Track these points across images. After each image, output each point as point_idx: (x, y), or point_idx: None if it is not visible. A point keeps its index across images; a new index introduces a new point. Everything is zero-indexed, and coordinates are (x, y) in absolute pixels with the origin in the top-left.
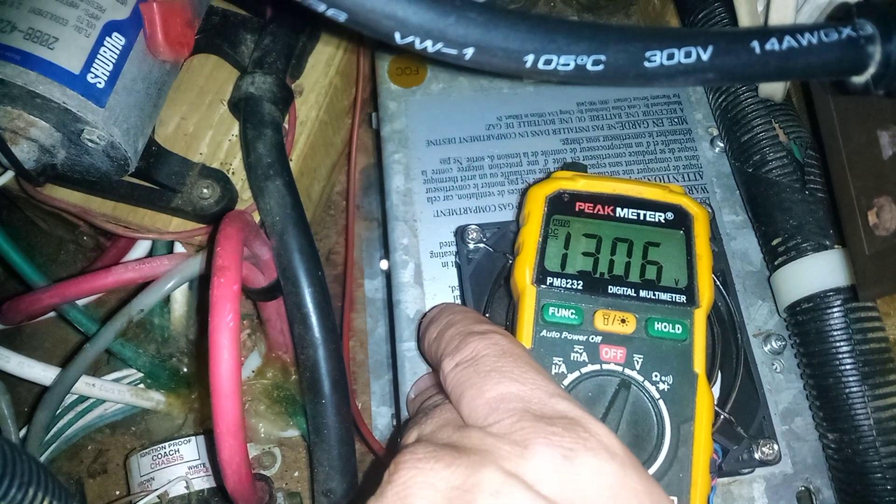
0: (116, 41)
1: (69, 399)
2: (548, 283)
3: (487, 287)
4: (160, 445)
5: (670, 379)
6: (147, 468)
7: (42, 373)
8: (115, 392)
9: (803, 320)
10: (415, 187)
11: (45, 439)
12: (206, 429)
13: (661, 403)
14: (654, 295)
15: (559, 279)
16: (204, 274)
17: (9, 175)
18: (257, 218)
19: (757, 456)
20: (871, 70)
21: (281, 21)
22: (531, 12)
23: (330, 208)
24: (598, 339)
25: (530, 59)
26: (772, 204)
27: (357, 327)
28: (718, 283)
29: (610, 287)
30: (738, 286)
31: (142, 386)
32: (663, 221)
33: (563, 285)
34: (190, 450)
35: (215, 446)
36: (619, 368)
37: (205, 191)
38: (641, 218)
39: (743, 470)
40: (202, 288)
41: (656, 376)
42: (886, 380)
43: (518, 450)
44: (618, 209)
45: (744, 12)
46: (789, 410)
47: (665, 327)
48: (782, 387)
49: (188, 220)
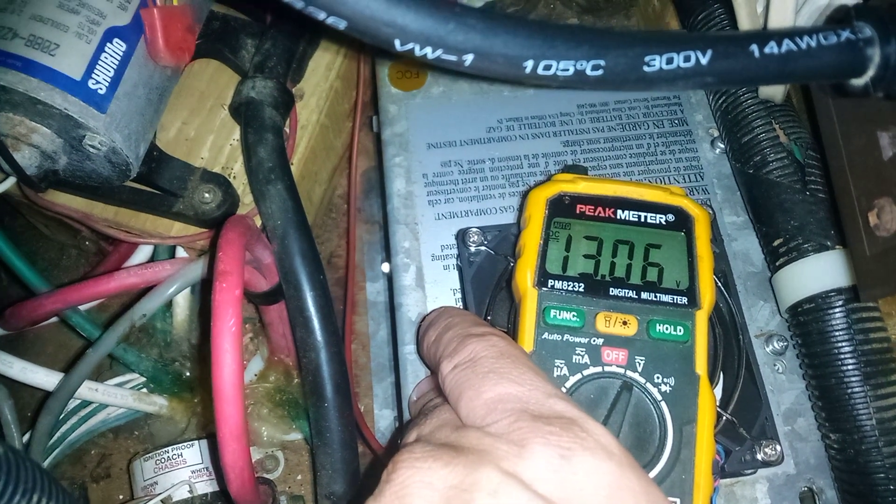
0: (117, 47)
1: (72, 404)
2: (549, 286)
3: (489, 290)
4: (163, 450)
5: (672, 381)
6: (150, 472)
7: (45, 378)
8: (117, 397)
9: (805, 321)
10: (416, 190)
11: (48, 444)
12: (209, 433)
13: (664, 405)
14: (655, 297)
15: (560, 282)
16: (206, 278)
17: (11, 181)
18: (259, 222)
19: (759, 457)
20: (871, 72)
21: (281, 26)
22: (531, 14)
23: (331, 211)
24: (600, 341)
25: (530, 64)
26: (773, 205)
27: (359, 330)
28: (720, 284)
29: (611, 289)
30: (739, 287)
31: (144, 390)
32: (664, 223)
33: (565, 288)
34: (193, 454)
35: (218, 450)
36: (621, 370)
37: (206, 195)
38: (642, 220)
39: (746, 471)
40: (204, 292)
41: (658, 378)
42: (888, 380)
43: (516, 449)
44: (619, 211)
45: (743, 14)
46: (791, 411)
47: (667, 329)
48: (784, 387)
49: (190, 224)
